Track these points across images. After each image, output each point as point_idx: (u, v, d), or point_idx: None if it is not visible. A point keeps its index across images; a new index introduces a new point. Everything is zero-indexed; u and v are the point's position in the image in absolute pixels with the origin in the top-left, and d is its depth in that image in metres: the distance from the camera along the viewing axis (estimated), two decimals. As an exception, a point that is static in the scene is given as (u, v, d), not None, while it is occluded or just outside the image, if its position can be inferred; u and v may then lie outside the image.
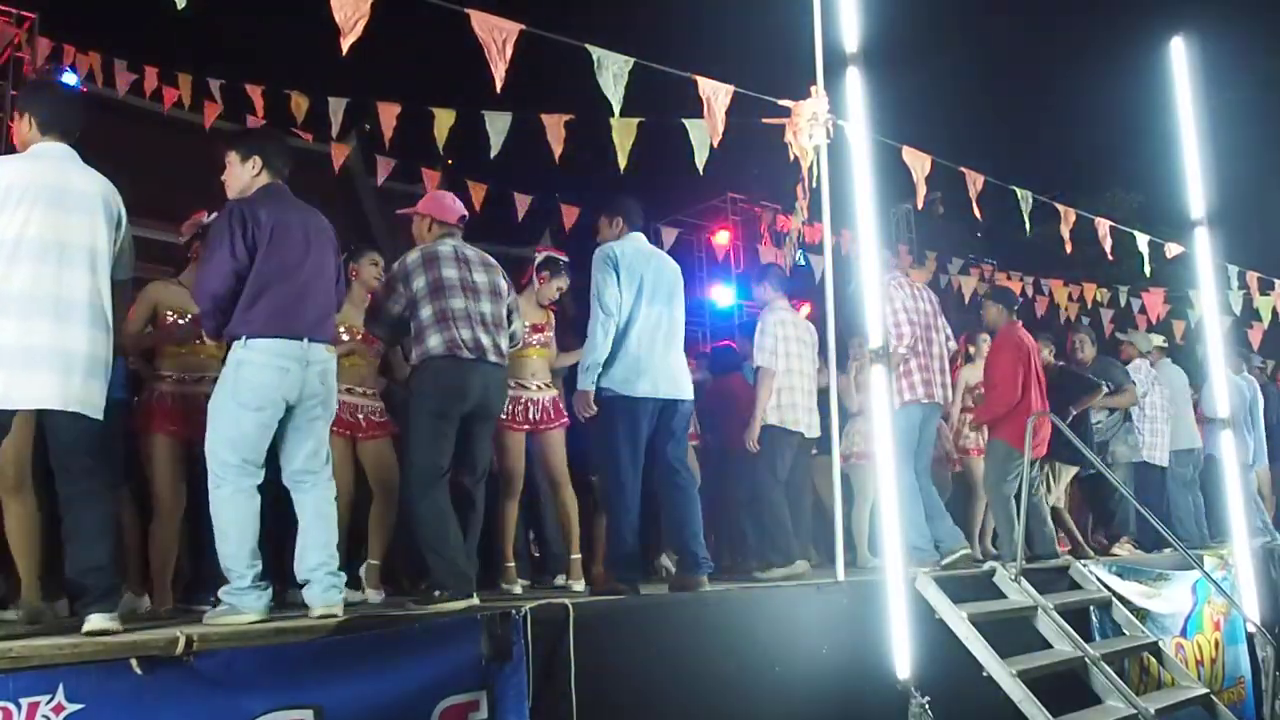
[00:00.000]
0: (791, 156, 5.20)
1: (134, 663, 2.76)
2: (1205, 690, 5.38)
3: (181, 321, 4.38)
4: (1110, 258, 8.43)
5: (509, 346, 4.52)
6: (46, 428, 3.24)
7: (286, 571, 3.74)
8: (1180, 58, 6.64)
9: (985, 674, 4.51)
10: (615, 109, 4.96)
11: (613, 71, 4.86)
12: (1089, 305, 11.13)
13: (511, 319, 4.53)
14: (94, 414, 3.22)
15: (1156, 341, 8.43)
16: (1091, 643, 5.14)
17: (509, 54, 4.59)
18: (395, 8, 4.32)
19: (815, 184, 5.13)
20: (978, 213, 6.84)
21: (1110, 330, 10.61)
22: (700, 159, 5.40)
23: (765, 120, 5.30)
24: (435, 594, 3.94)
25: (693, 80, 5.20)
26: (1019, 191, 7.18)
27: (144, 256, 3.75)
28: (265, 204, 3.66)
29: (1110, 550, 7.14)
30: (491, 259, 4.53)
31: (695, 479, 4.83)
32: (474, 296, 4.32)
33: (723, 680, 4.00)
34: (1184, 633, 6.19)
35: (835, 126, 5.08)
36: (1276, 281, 9.89)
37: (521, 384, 5.12)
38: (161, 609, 4.09)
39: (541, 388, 5.19)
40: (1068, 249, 7.78)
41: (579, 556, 5.18)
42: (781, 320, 5.79)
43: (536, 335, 5.24)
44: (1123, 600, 5.74)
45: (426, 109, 6.31)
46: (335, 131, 7.18)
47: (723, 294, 15.91)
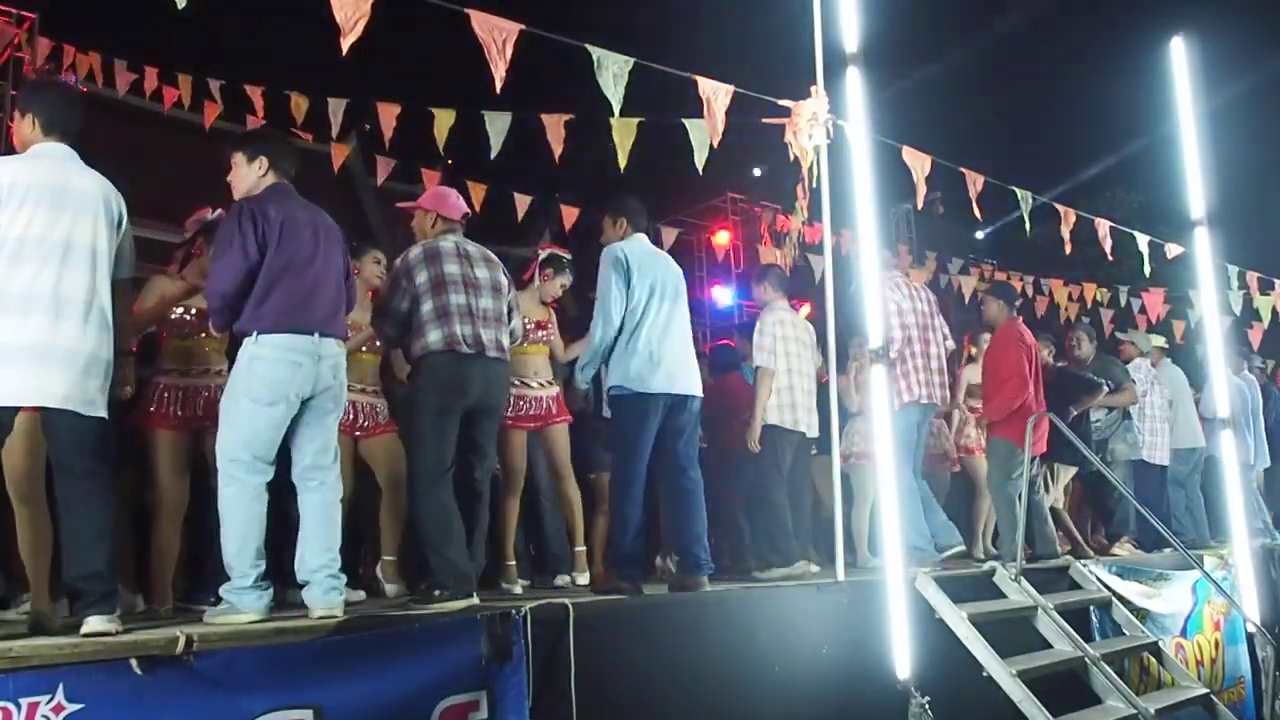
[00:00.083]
0: (791, 156, 5.20)
1: (134, 663, 2.76)
2: (1205, 690, 5.39)
3: (188, 316, 4.35)
4: (1110, 258, 8.44)
5: (509, 342, 4.52)
6: (47, 428, 3.23)
7: (286, 571, 3.74)
8: (1180, 58, 6.65)
9: (985, 674, 4.51)
10: (615, 109, 4.97)
11: (613, 71, 4.87)
12: (1089, 305, 11.13)
13: (511, 315, 4.54)
14: (95, 413, 3.22)
15: (1157, 342, 8.43)
16: (1091, 643, 5.14)
17: (509, 54, 4.59)
18: (395, 8, 4.32)
19: (815, 184, 5.13)
20: (978, 213, 6.84)
21: (1110, 330, 10.62)
22: (700, 159, 5.41)
23: (765, 120, 5.30)
24: (435, 594, 3.94)
25: (693, 80, 5.21)
26: (1019, 191, 7.18)
27: (144, 256, 3.74)
28: (273, 202, 3.68)
29: (1110, 550, 7.14)
30: (493, 255, 4.54)
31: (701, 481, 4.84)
32: (475, 292, 4.32)
33: (723, 680, 4.00)
34: (1184, 633, 6.19)
35: (835, 126, 5.08)
36: (1276, 281, 9.89)
37: (524, 382, 5.13)
38: (161, 608, 4.08)
39: (544, 385, 5.20)
40: (1068, 249, 7.78)
41: (583, 549, 5.19)
42: (781, 320, 5.79)
43: (539, 332, 5.25)
44: (1123, 600, 5.75)
45: (426, 109, 6.31)
46: (335, 131, 7.19)
47: (723, 294, 15.96)
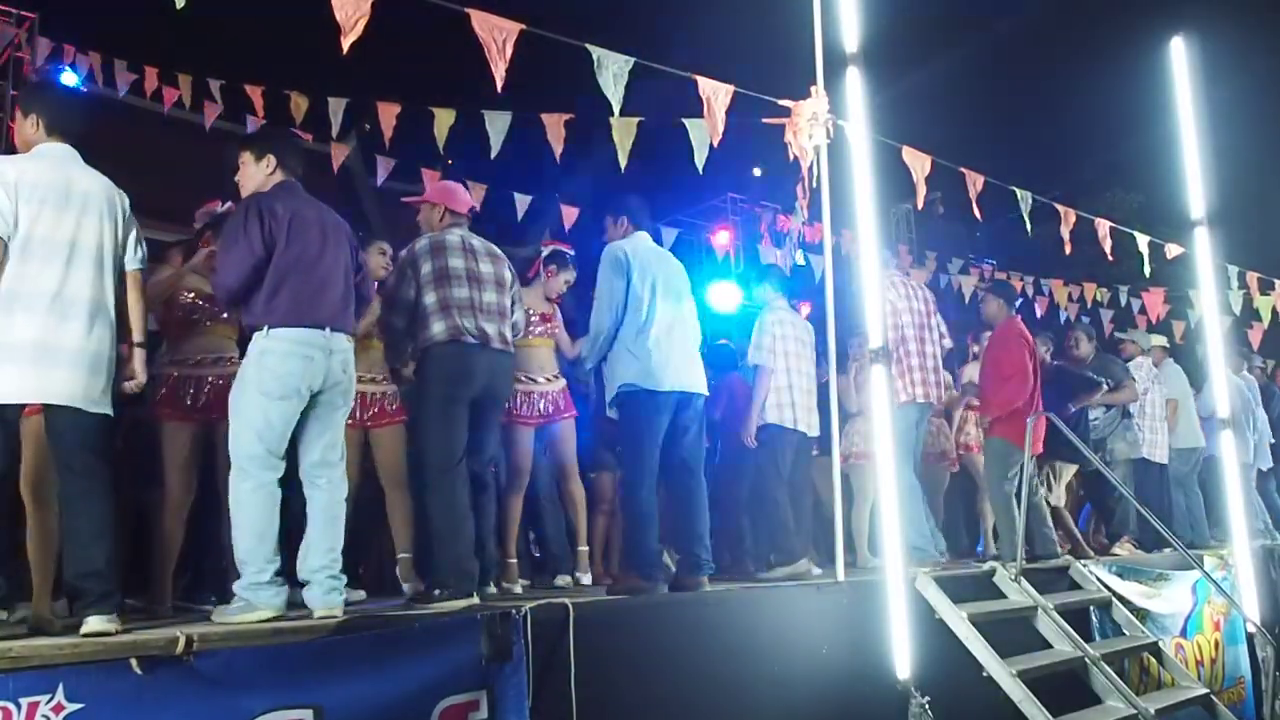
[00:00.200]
0: (791, 156, 5.20)
1: (134, 662, 2.76)
2: (1205, 690, 5.38)
3: (199, 302, 4.33)
4: (1110, 258, 8.43)
5: (512, 336, 4.54)
6: (49, 426, 3.24)
7: (286, 571, 3.73)
8: (1180, 58, 6.64)
9: (985, 674, 4.51)
10: (615, 109, 4.97)
11: (613, 71, 4.87)
12: (1089, 305, 11.13)
13: (514, 309, 4.55)
14: (100, 410, 3.24)
15: (1159, 340, 8.43)
16: (1091, 643, 5.14)
17: (509, 54, 4.59)
18: (395, 8, 4.32)
19: (815, 184, 5.13)
20: (978, 213, 6.84)
21: (1110, 330, 10.61)
22: (700, 159, 5.41)
23: (765, 120, 5.30)
24: (435, 593, 3.94)
25: (693, 80, 5.21)
26: (1019, 191, 7.18)
27: (144, 256, 3.74)
28: (281, 199, 3.70)
29: (1110, 550, 7.14)
30: (497, 250, 4.56)
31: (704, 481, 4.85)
32: (478, 286, 4.34)
33: (723, 680, 4.00)
34: (1184, 633, 6.19)
35: (835, 126, 5.08)
36: (1276, 281, 9.88)
37: (530, 377, 5.13)
38: (160, 606, 4.08)
39: (550, 379, 5.21)
40: (1068, 249, 7.78)
41: (585, 549, 5.19)
42: (780, 320, 5.80)
43: (544, 325, 5.25)
44: (1123, 600, 5.74)
45: (426, 109, 6.31)
46: (335, 131, 7.18)
47: (722, 294, 15.95)
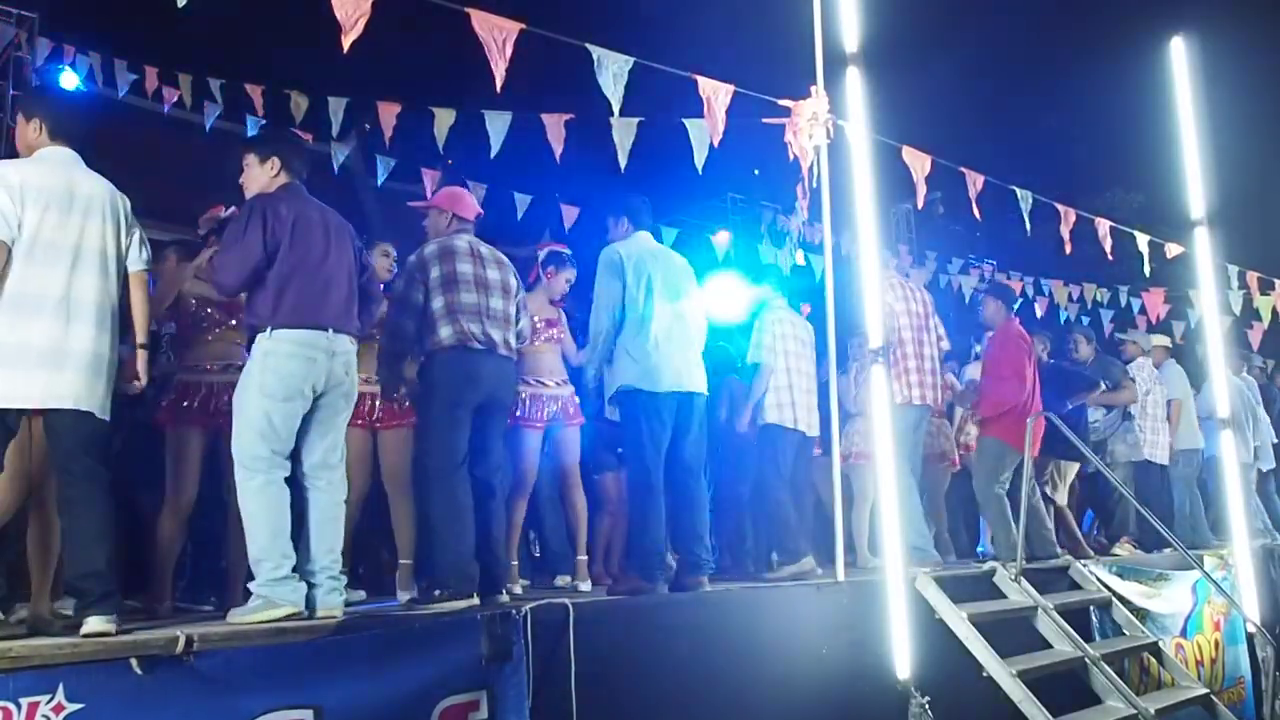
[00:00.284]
0: (791, 156, 5.20)
1: (134, 662, 2.77)
2: (1205, 690, 5.38)
3: (207, 310, 4.34)
4: (1110, 258, 8.43)
5: (516, 343, 4.54)
6: (50, 429, 3.24)
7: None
8: (1180, 58, 6.64)
9: (985, 674, 4.51)
10: (615, 109, 4.97)
11: (613, 71, 4.87)
12: (1089, 305, 11.12)
13: (519, 316, 4.56)
14: (103, 414, 3.25)
15: (1161, 341, 8.42)
16: (1091, 643, 5.14)
17: (509, 54, 4.59)
18: (395, 8, 4.32)
19: (815, 184, 5.13)
20: (977, 213, 6.84)
21: (1110, 330, 10.61)
22: (700, 159, 5.41)
23: (765, 120, 5.30)
24: (435, 593, 3.93)
25: (693, 80, 5.21)
26: (1019, 191, 7.18)
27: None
28: (285, 200, 3.71)
29: (1110, 550, 7.14)
30: (504, 257, 4.57)
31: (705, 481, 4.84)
32: (485, 292, 4.35)
33: (723, 680, 4.00)
34: (1184, 633, 6.19)
35: (835, 126, 5.08)
36: (1276, 281, 9.87)
37: (539, 381, 5.13)
38: (160, 605, 4.08)
39: (558, 384, 5.21)
40: (1068, 249, 7.78)
41: (585, 558, 5.19)
42: (779, 319, 5.80)
43: (550, 330, 5.25)
44: (1123, 600, 5.74)
45: (426, 109, 6.31)
46: (335, 131, 7.18)
47: (722, 294, 15.93)
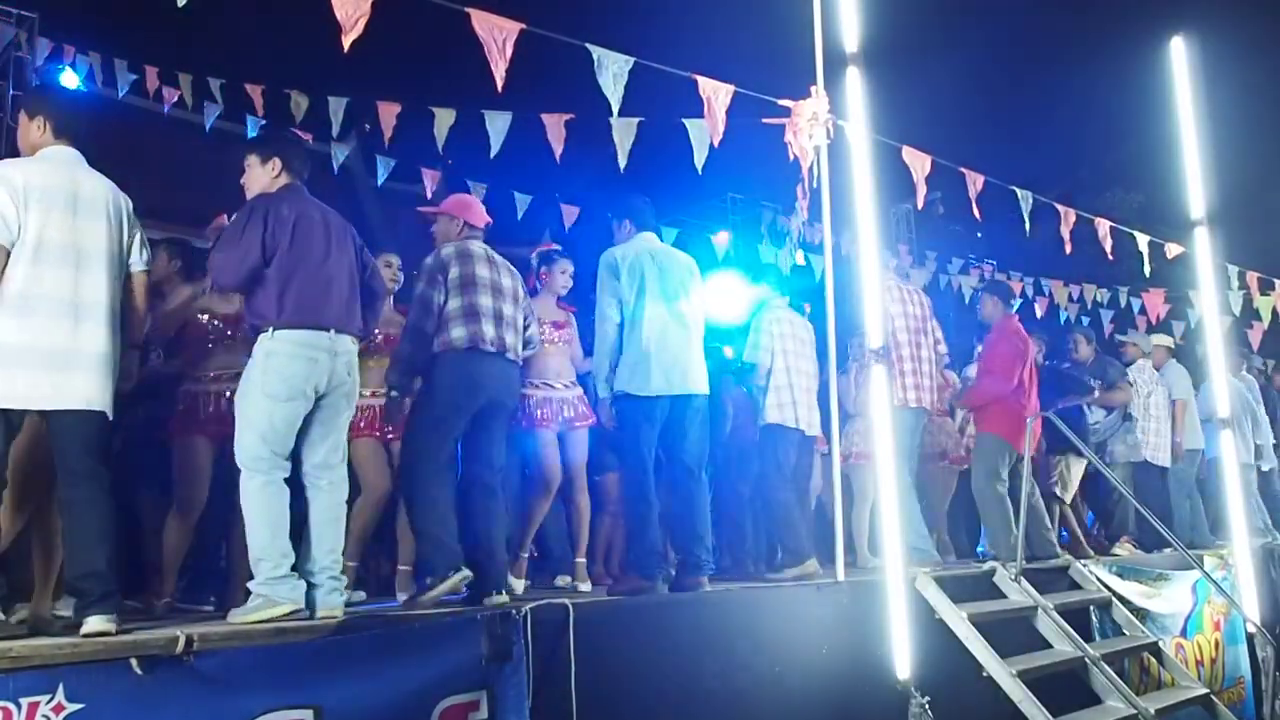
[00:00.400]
0: (791, 156, 5.20)
1: (134, 662, 2.77)
2: (1205, 690, 5.39)
3: (215, 322, 4.40)
4: (1110, 258, 8.43)
5: (524, 350, 4.59)
6: (53, 429, 3.24)
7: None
8: (1180, 58, 6.65)
9: (985, 674, 4.52)
10: (615, 109, 4.96)
11: (613, 71, 4.87)
12: (1089, 306, 11.12)
13: (529, 324, 4.60)
14: (111, 413, 3.26)
15: (1161, 341, 8.42)
16: (1091, 643, 5.14)
17: (509, 54, 4.59)
18: (395, 8, 4.32)
19: (815, 184, 5.13)
20: (977, 213, 6.84)
21: (1110, 330, 10.61)
22: (700, 159, 5.41)
23: (765, 120, 5.30)
24: (427, 580, 3.96)
25: (693, 80, 5.20)
26: (1019, 191, 7.18)
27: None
28: (287, 201, 3.72)
29: (1110, 550, 7.14)
30: (512, 266, 4.60)
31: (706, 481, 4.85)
32: (499, 297, 4.38)
33: (723, 680, 4.00)
34: (1184, 633, 6.19)
35: (835, 126, 5.08)
36: (1276, 281, 9.88)
37: (548, 384, 5.15)
38: (160, 601, 4.10)
39: (568, 386, 5.22)
40: (1068, 249, 7.78)
41: (584, 560, 5.20)
42: (777, 318, 5.79)
43: (559, 332, 5.26)
44: (1123, 600, 5.74)
45: (426, 109, 6.31)
46: (335, 131, 7.18)
47: (722, 294, 15.95)
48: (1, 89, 8.48)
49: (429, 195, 8.32)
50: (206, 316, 4.42)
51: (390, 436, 4.68)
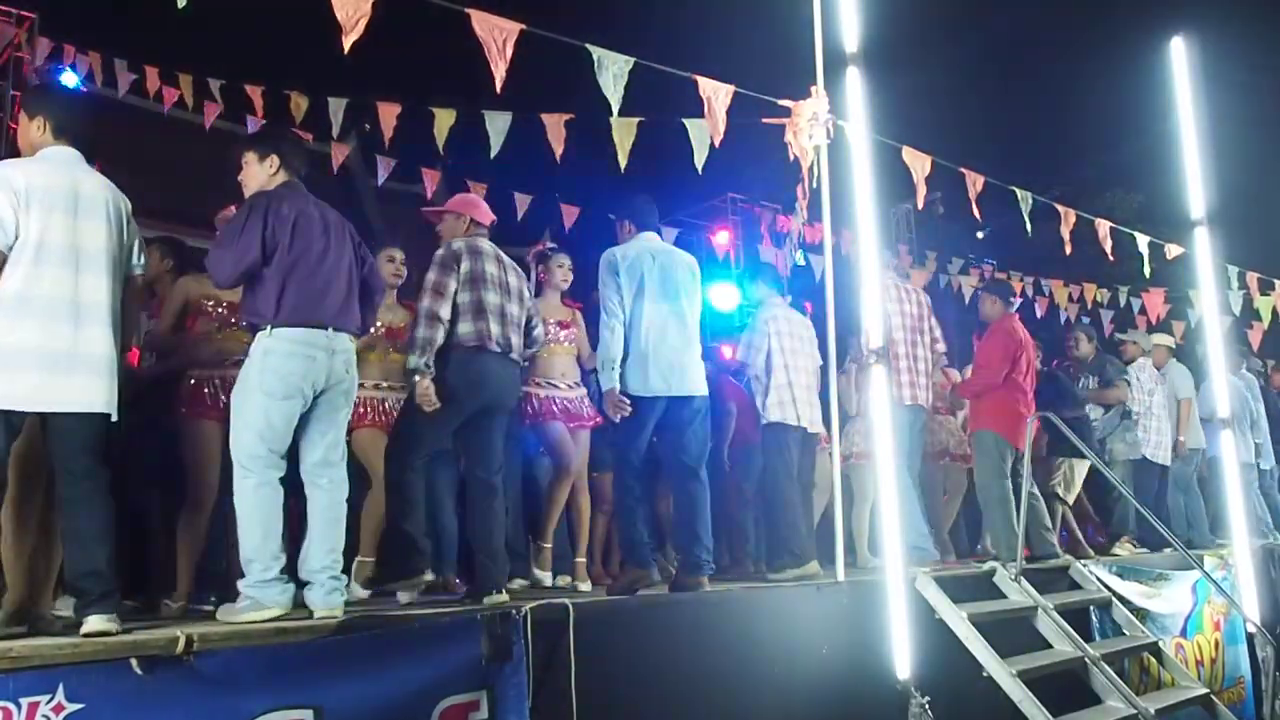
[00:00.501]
0: (791, 156, 5.20)
1: (134, 663, 2.76)
2: (1205, 690, 5.39)
3: (218, 309, 4.38)
4: (1110, 258, 8.43)
5: (528, 349, 4.60)
6: (51, 430, 3.23)
7: (286, 571, 3.73)
8: (1180, 58, 6.65)
9: (985, 674, 4.52)
10: (615, 109, 4.96)
11: (613, 71, 4.87)
12: (1089, 306, 11.12)
13: (533, 323, 4.60)
14: (111, 412, 3.25)
15: (1162, 341, 8.42)
16: (1091, 643, 5.14)
17: (509, 54, 4.59)
18: (395, 8, 4.32)
19: (815, 184, 5.13)
20: (977, 213, 6.84)
21: (1110, 330, 10.60)
22: (700, 159, 5.40)
23: (765, 120, 5.30)
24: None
25: (693, 80, 5.20)
26: (1019, 191, 7.18)
27: (144, 256, 3.74)
28: (285, 198, 3.71)
29: (1110, 550, 7.14)
30: (517, 265, 4.61)
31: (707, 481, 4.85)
32: (507, 295, 4.39)
33: (723, 680, 4.00)
34: (1184, 633, 6.19)
35: (835, 126, 5.08)
36: (1276, 281, 9.88)
37: (552, 383, 5.17)
38: (175, 604, 4.09)
39: (572, 386, 5.23)
40: (1068, 249, 7.78)
41: (584, 560, 5.20)
42: (775, 317, 5.80)
43: (564, 332, 5.26)
44: (1123, 600, 5.74)
45: (426, 109, 6.30)
46: (335, 131, 7.18)
47: (723, 294, 15.95)
48: (1, 89, 8.48)
49: (429, 195, 8.32)
50: (212, 303, 4.39)
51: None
